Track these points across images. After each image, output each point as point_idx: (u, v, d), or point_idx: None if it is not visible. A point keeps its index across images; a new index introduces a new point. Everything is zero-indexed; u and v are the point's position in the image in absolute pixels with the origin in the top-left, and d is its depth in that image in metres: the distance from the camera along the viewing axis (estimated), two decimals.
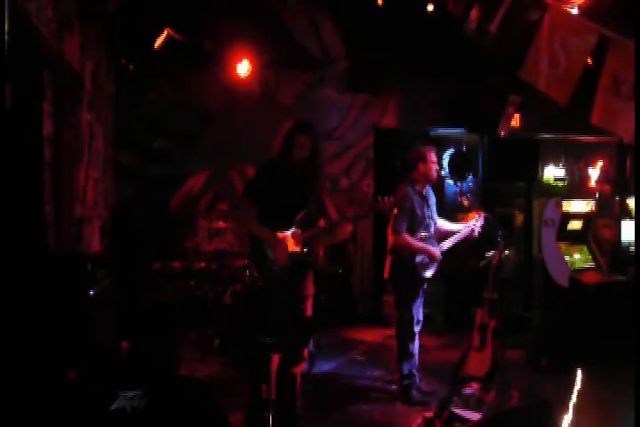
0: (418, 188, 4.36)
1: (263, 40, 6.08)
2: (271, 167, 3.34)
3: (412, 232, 4.24)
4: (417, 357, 4.40)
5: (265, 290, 3.26)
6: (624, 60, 2.81)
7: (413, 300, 4.29)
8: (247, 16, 5.78)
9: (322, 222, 3.45)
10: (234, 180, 6.81)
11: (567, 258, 5.94)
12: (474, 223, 4.41)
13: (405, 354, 4.32)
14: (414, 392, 4.29)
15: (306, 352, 3.34)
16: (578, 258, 6.06)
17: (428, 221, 4.34)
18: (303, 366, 3.37)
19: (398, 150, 7.13)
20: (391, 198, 3.40)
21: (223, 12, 5.71)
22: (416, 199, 4.30)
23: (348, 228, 3.35)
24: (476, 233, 4.40)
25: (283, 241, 3.22)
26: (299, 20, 6.39)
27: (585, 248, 6.21)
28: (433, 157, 4.37)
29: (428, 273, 4.30)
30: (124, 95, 6.32)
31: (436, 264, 4.31)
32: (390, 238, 4.30)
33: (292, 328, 2.71)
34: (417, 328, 4.38)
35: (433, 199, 4.50)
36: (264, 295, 3.27)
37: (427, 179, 4.38)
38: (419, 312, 4.38)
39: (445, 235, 4.47)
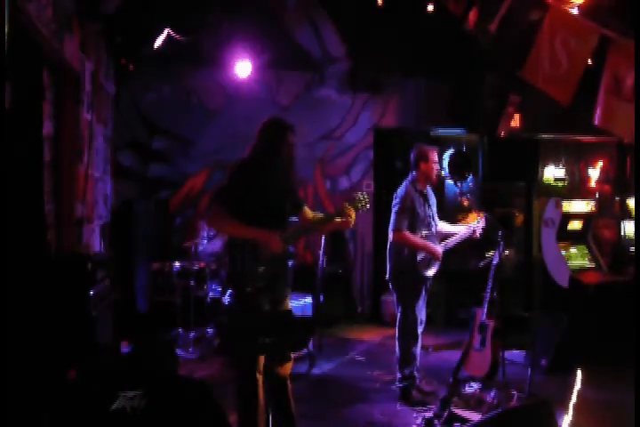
0: (419, 187, 4.35)
1: (263, 40, 6.08)
2: (252, 167, 3.27)
3: (414, 231, 4.23)
4: (419, 358, 4.40)
5: (253, 291, 3.21)
6: (625, 60, 2.81)
7: (416, 300, 4.27)
8: (247, 16, 5.79)
9: (301, 219, 3.47)
10: None
11: (567, 258, 5.94)
12: (476, 224, 4.41)
13: (407, 357, 4.30)
14: (414, 392, 4.28)
15: (290, 353, 3.31)
16: (577, 258, 6.06)
17: (429, 220, 4.34)
18: (290, 367, 3.35)
19: (398, 150, 7.14)
20: (365, 195, 3.40)
21: (223, 11, 5.71)
22: (417, 198, 4.29)
23: (339, 221, 3.33)
24: (478, 234, 4.40)
25: (272, 234, 3.18)
26: (299, 20, 6.39)
27: (585, 248, 6.21)
28: (435, 156, 4.37)
29: (430, 272, 4.29)
30: (123, 95, 6.32)
31: (437, 263, 4.30)
32: (391, 236, 4.28)
33: (276, 328, 2.69)
34: (420, 329, 4.37)
35: (433, 199, 4.50)
36: (250, 296, 3.21)
37: (427, 178, 4.38)
38: (422, 312, 4.37)
39: (446, 236, 4.47)
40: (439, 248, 4.29)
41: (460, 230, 4.46)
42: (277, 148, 3.26)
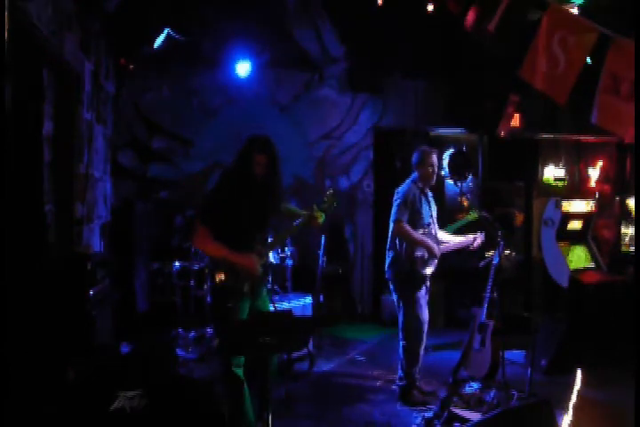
0: (420, 185, 4.35)
1: (263, 40, 6.08)
2: (230, 186, 3.34)
3: (413, 227, 4.21)
4: (421, 358, 4.39)
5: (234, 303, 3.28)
6: (624, 59, 2.81)
7: (415, 298, 4.27)
8: (247, 16, 5.79)
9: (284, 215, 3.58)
10: None
11: (567, 258, 5.94)
12: (476, 236, 4.41)
13: (411, 358, 4.27)
14: (415, 393, 4.26)
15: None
16: (577, 258, 6.07)
17: (428, 220, 4.34)
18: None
19: (398, 150, 7.15)
20: (332, 194, 3.53)
21: (223, 11, 5.72)
22: (419, 195, 4.29)
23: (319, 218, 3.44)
24: (476, 244, 4.41)
25: (250, 257, 3.28)
26: (299, 20, 6.39)
27: (585, 248, 6.22)
28: (432, 160, 4.35)
29: (428, 270, 4.28)
30: (123, 95, 6.32)
31: (435, 261, 4.29)
32: (391, 227, 4.23)
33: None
34: (424, 328, 4.37)
35: (434, 205, 4.49)
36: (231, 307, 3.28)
37: (426, 181, 4.38)
38: (424, 312, 4.36)
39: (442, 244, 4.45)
40: (436, 246, 4.28)
41: (458, 240, 4.46)
42: (244, 167, 3.29)
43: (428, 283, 4.37)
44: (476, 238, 4.41)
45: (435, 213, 4.46)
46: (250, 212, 3.29)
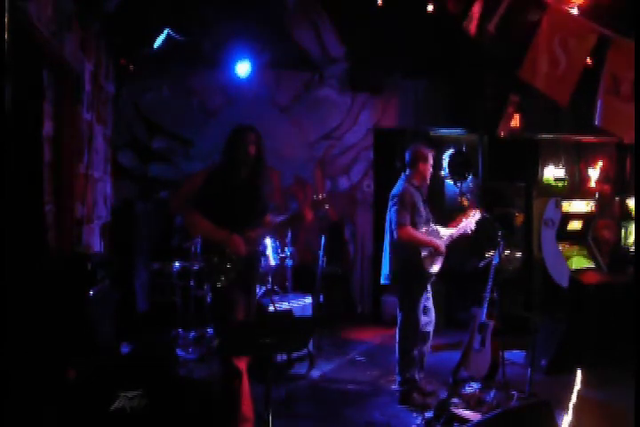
0: (415, 183, 4.34)
1: (263, 40, 6.08)
2: (220, 172, 3.46)
3: (415, 227, 4.20)
4: (426, 358, 4.38)
5: (224, 284, 3.37)
6: (624, 59, 2.81)
7: (419, 299, 4.24)
8: (247, 16, 5.79)
9: (267, 221, 3.66)
10: None
11: (566, 258, 5.94)
12: (472, 218, 4.40)
13: (406, 360, 4.26)
14: (415, 396, 4.25)
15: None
16: (578, 258, 6.07)
17: (428, 216, 4.33)
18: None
19: (398, 150, 7.14)
20: (325, 195, 3.58)
21: (223, 11, 5.71)
22: (415, 193, 4.28)
23: (309, 216, 3.51)
24: (473, 227, 4.39)
25: (237, 237, 3.36)
26: (299, 20, 6.39)
27: (585, 248, 6.21)
28: (432, 159, 4.38)
29: (435, 267, 4.26)
30: (123, 95, 6.32)
31: (441, 258, 4.27)
32: (395, 233, 4.20)
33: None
34: (430, 328, 4.36)
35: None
36: (224, 291, 3.37)
37: (423, 178, 4.38)
38: (430, 312, 4.36)
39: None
40: (441, 243, 4.27)
41: (455, 230, 4.45)
42: (233, 150, 3.44)
43: (432, 282, 4.36)
44: (471, 220, 4.40)
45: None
46: (239, 195, 3.39)
